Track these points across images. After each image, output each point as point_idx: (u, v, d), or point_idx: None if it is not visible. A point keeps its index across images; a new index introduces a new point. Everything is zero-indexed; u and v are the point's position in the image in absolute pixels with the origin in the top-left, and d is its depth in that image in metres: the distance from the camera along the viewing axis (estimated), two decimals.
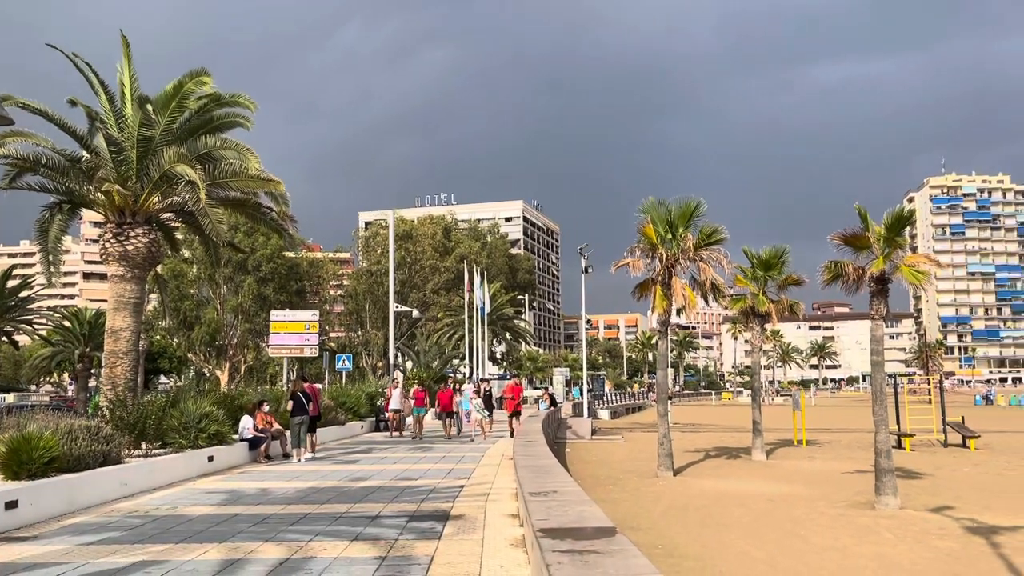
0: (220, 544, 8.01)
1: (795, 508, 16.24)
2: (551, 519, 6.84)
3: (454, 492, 12.64)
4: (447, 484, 13.63)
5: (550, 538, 5.84)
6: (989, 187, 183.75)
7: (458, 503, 11.46)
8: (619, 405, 63.52)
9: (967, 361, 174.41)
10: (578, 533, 6.12)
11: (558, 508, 7.55)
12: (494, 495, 12.26)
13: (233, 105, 18.40)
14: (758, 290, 26.92)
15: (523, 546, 8.00)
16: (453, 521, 9.90)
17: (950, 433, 31.13)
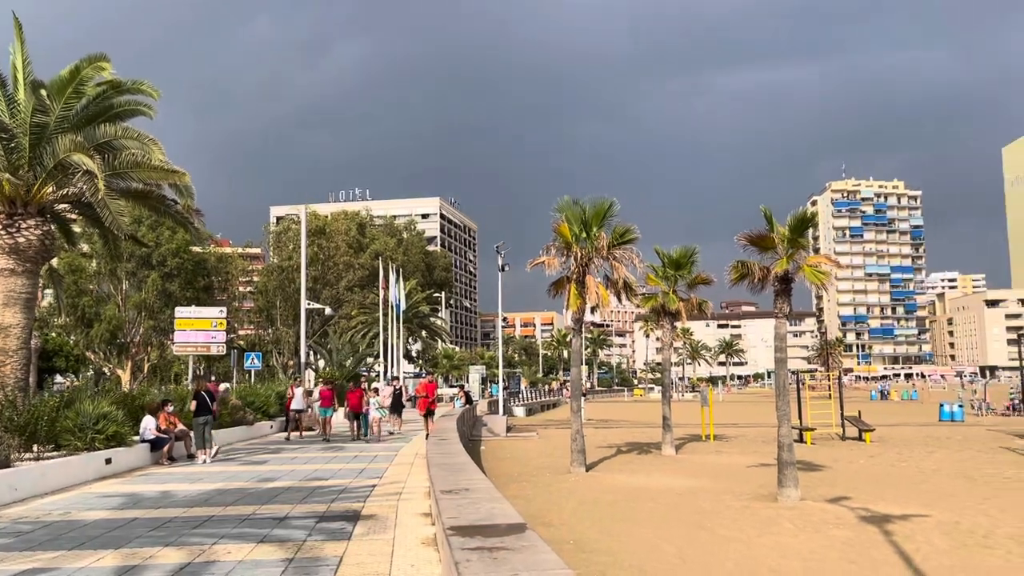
0: (116, 550, 7.67)
1: (703, 501, 16.66)
2: (462, 517, 6.81)
3: (366, 492, 12.46)
4: (359, 484, 13.44)
5: (460, 536, 5.81)
6: (885, 192, 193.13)
7: (369, 503, 11.31)
8: (534, 402, 63.96)
9: (864, 358, 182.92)
10: (488, 530, 6.11)
11: (469, 506, 7.53)
12: (407, 494, 12.15)
13: (135, 92, 17.66)
14: (669, 289, 27.49)
15: (435, 545, 7.95)
16: (364, 521, 9.76)
17: (847, 427, 32.51)
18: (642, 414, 53.56)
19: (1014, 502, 16.13)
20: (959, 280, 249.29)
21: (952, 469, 22.06)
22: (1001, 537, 12.60)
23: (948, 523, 13.82)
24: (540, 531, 13.78)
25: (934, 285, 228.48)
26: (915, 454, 26.21)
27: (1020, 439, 30.05)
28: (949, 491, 17.88)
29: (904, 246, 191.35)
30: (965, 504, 15.96)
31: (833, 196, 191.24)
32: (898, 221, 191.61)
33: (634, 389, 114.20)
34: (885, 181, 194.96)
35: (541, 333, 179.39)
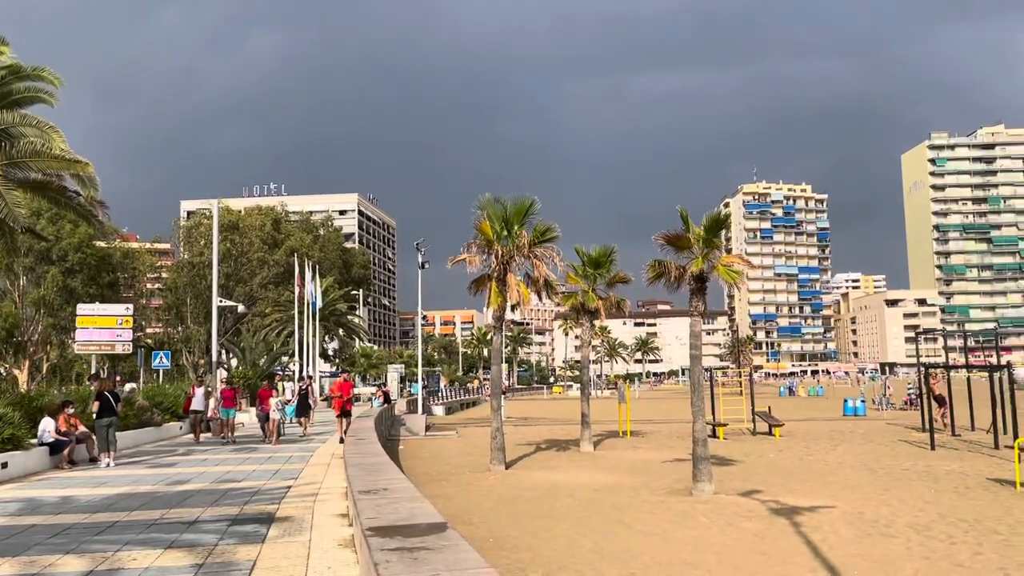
0: (13, 558, 7.25)
1: (620, 496, 16.88)
2: (381, 517, 6.69)
3: (281, 493, 12.17)
4: (273, 485, 13.12)
5: (379, 536, 5.69)
6: (794, 195, 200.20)
7: (284, 504, 11.04)
8: (454, 401, 63.77)
9: (773, 355, 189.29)
10: (408, 530, 6.01)
11: (388, 506, 7.40)
12: (323, 495, 11.91)
13: (35, 79, 16.79)
14: (588, 287, 27.80)
15: (352, 546, 7.80)
16: (279, 523, 9.52)
17: (758, 422, 33.51)
18: (561, 411, 54.01)
19: (912, 492, 16.90)
20: (862, 281, 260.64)
21: (855, 462, 22.98)
22: (901, 526, 13.17)
23: (852, 513, 14.36)
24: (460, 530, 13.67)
25: (839, 285, 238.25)
26: (821, 448, 27.20)
27: (916, 432, 31.55)
28: (853, 483, 18.60)
29: (811, 248, 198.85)
30: (868, 495, 16.64)
31: (745, 198, 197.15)
32: (805, 223, 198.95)
33: (553, 387, 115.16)
34: (794, 185, 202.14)
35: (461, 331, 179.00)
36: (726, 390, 42.28)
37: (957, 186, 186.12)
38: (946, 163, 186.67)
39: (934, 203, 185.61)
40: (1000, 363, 29.96)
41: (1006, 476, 18.52)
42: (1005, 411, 26.42)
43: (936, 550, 11.42)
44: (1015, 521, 13.36)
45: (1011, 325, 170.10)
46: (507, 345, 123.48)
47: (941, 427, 29.99)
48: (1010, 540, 11.94)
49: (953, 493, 16.72)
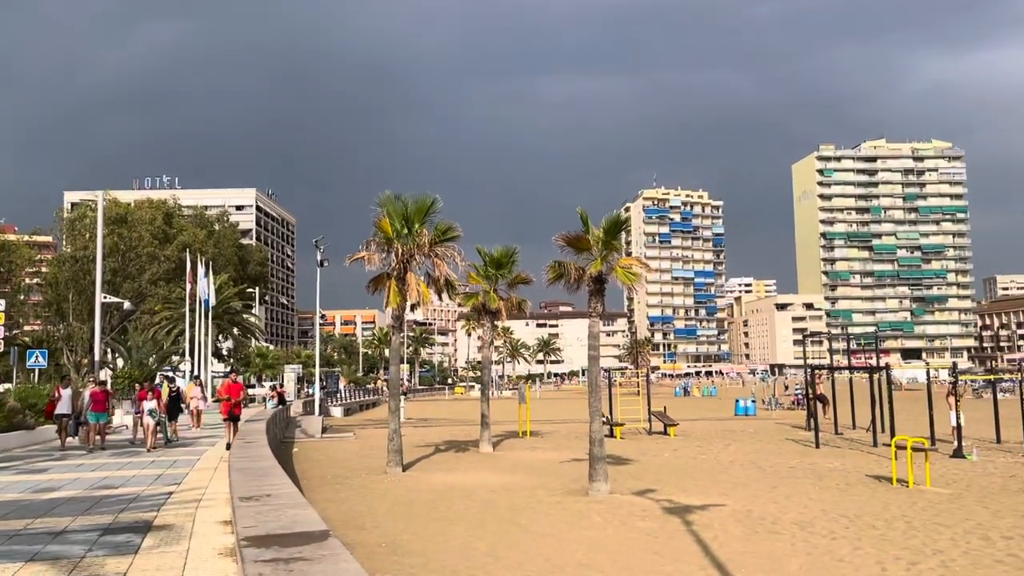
0: None
1: (517, 497, 16.82)
2: (260, 525, 6.34)
3: (161, 500, 11.57)
4: (153, 491, 12.46)
5: (255, 547, 5.36)
6: (692, 201, 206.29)
7: (164, 511, 10.49)
8: (353, 402, 62.70)
9: (670, 356, 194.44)
10: (287, 539, 5.69)
11: (270, 513, 7.05)
12: (207, 501, 11.38)
13: None
14: (490, 288, 27.72)
15: (234, 555, 7.40)
16: (156, 532, 9.00)
17: (654, 422, 34.21)
18: (462, 412, 53.82)
19: (798, 490, 17.50)
20: (754, 285, 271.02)
21: (745, 460, 23.69)
22: (787, 523, 13.57)
23: (742, 511, 14.73)
24: (352, 534, 13.34)
25: (732, 289, 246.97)
26: (714, 447, 27.96)
27: (802, 431, 32.86)
28: (743, 481, 19.13)
29: (707, 252, 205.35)
30: (756, 493, 17.12)
31: (645, 203, 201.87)
32: (702, 229, 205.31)
33: (455, 387, 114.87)
34: (692, 191, 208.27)
35: (362, 331, 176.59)
36: (624, 390, 43.03)
37: (842, 196, 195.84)
38: (833, 174, 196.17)
39: (821, 212, 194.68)
40: (879, 365, 31.52)
41: (884, 473, 19.42)
42: (883, 410, 27.78)
43: (819, 546, 11.79)
44: (891, 516, 13.97)
45: (889, 329, 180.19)
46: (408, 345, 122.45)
47: (824, 419, 31.26)
48: (886, 535, 12.46)
49: (835, 490, 17.39)
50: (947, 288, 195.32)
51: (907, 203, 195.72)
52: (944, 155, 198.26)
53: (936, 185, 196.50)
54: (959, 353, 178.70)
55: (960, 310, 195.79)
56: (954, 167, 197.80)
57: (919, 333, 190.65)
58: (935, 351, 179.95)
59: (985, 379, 53.54)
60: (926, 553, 11.14)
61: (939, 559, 10.78)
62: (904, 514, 14.11)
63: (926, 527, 12.92)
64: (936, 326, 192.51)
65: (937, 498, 15.90)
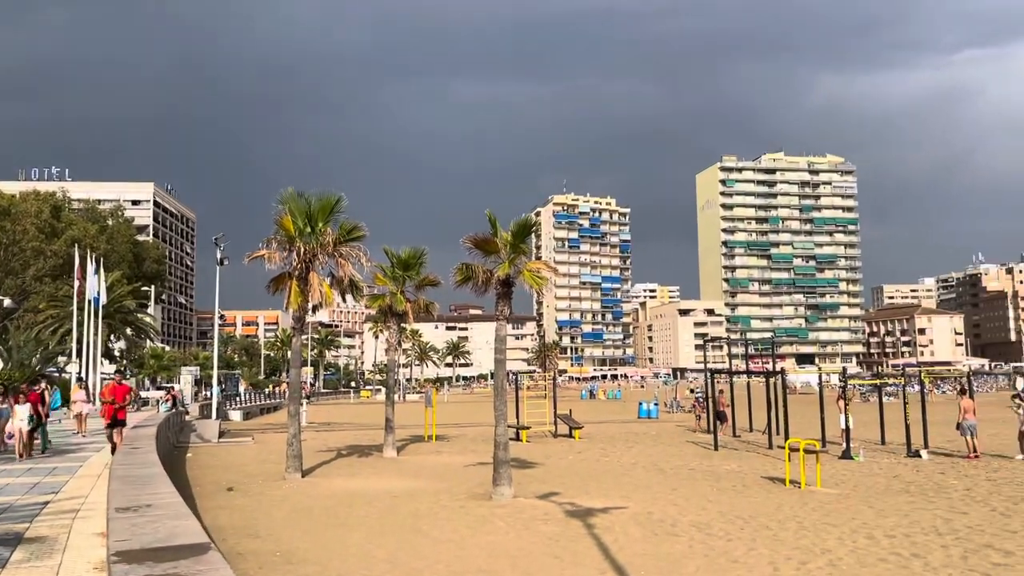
0: None
1: (419, 503, 16.54)
2: (134, 539, 5.91)
3: (34, 510, 10.83)
4: (27, 501, 11.66)
5: (126, 562, 4.97)
6: (600, 208, 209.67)
7: (37, 523, 9.81)
8: (254, 405, 60.90)
9: (577, 360, 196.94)
10: (163, 554, 5.31)
11: (148, 525, 6.60)
12: (86, 511, 10.71)
13: None
14: (397, 289, 27.30)
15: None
16: (27, 545, 8.39)
17: (560, 425, 34.42)
18: (367, 416, 52.99)
19: (696, 491, 17.84)
20: (658, 291, 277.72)
21: (647, 462, 24.05)
22: (686, 525, 13.77)
23: (642, 514, 14.87)
24: (246, 543, 12.80)
25: (638, 295, 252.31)
26: (617, 449, 28.30)
27: (702, 434, 33.67)
28: (644, 483, 19.38)
29: (614, 258, 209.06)
30: (657, 495, 17.36)
31: (555, 208, 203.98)
32: (610, 235, 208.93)
33: (361, 391, 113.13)
34: (600, 198, 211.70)
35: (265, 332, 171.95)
36: (531, 393, 43.20)
37: (743, 206, 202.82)
38: (734, 184, 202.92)
39: (723, 221, 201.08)
40: (775, 370, 32.61)
41: (778, 474, 20.02)
42: (779, 414, 28.72)
43: (715, 547, 11.98)
44: (784, 517, 14.37)
45: (785, 335, 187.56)
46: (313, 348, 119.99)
47: (722, 432, 32.10)
48: (779, 535, 12.78)
49: (732, 491, 17.80)
50: (839, 296, 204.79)
51: (803, 214, 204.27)
52: (837, 169, 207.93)
53: (830, 198, 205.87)
54: (849, 358, 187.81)
55: (850, 317, 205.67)
56: (846, 181, 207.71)
57: (813, 339, 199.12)
58: (827, 356, 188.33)
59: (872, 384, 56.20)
60: (815, 552, 11.47)
61: (827, 558, 11.10)
62: (796, 515, 14.53)
63: (816, 527, 13.32)
64: (828, 332, 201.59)
65: (827, 498, 16.46)
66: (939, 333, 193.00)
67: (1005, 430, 31.01)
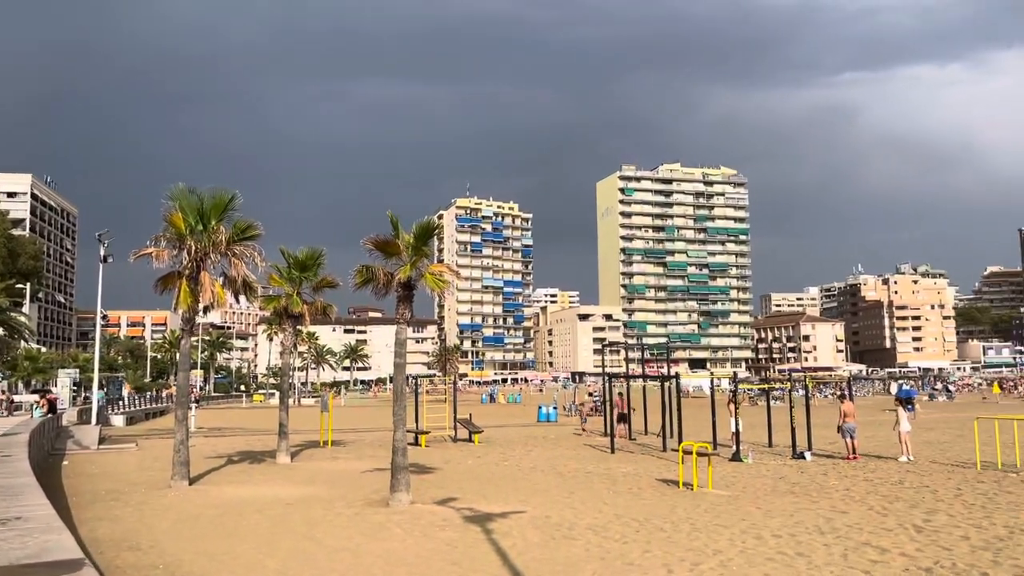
0: None
1: (313, 510, 16.11)
2: (1, 555, 5.46)
3: None
4: None
5: None
6: (503, 212, 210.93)
7: None
8: (138, 410, 58.25)
9: (478, 364, 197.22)
10: (32, 571, 4.92)
11: (16, 539, 6.12)
12: None
13: None
14: (293, 291, 26.62)
15: None
16: None
17: (459, 429, 34.30)
18: (260, 421, 51.50)
19: (593, 494, 18.04)
20: (559, 296, 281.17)
21: (546, 466, 24.20)
22: (583, 528, 13.89)
23: (540, 517, 14.91)
24: (125, 556, 12.12)
25: (539, 299, 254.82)
26: (516, 453, 28.39)
27: (599, 437, 34.18)
28: (543, 487, 19.48)
29: (516, 263, 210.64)
30: (555, 498, 17.46)
31: (458, 212, 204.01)
32: (512, 240, 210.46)
33: (254, 395, 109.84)
34: (503, 202, 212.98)
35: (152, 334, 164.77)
36: (431, 398, 42.88)
37: (641, 214, 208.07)
38: (633, 193, 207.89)
39: (622, 228, 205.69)
40: (670, 374, 33.46)
41: (672, 476, 20.48)
42: (673, 417, 29.46)
43: (611, 550, 12.12)
44: (677, 519, 14.68)
45: (679, 340, 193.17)
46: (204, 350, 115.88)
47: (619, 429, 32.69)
48: (672, 536, 13.04)
49: (628, 494, 18.09)
50: (730, 304, 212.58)
51: (697, 224, 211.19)
52: (730, 181, 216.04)
53: (723, 208, 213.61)
54: (739, 363, 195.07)
55: (740, 324, 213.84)
56: (738, 192, 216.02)
57: (705, 344, 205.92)
58: (718, 361, 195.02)
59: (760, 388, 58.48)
60: (707, 553, 11.74)
61: (719, 559, 11.39)
62: (689, 516, 14.88)
63: (708, 528, 13.66)
64: (720, 338, 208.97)
65: (718, 500, 16.93)
66: (822, 340, 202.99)
67: (881, 432, 32.79)
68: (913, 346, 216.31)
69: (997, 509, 15.00)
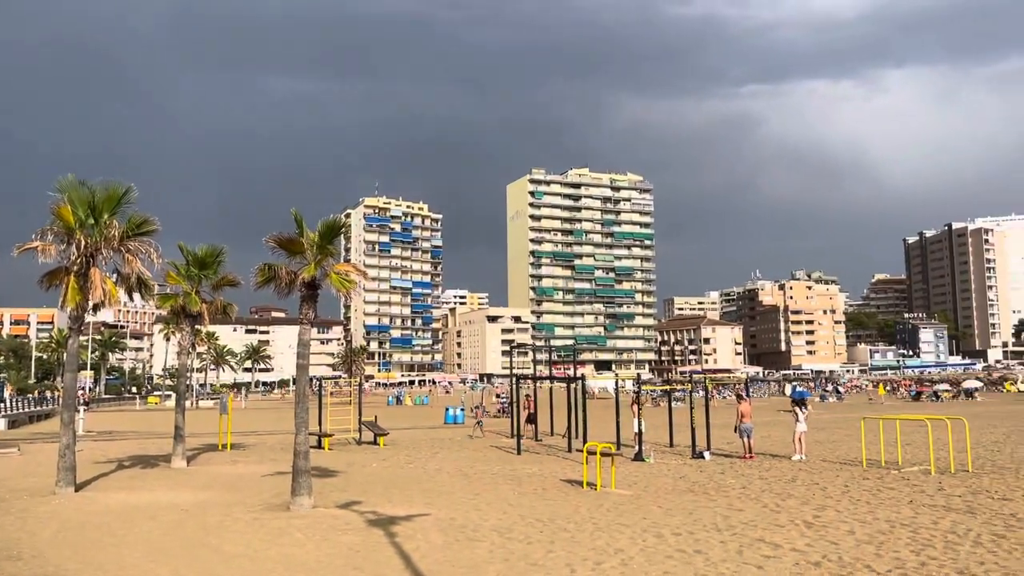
0: None
1: (210, 516, 15.57)
2: None
3: None
4: None
5: None
6: (412, 212, 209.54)
7: None
8: (21, 412, 55.14)
9: (385, 365, 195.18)
10: None
11: None
12: None
13: None
14: (191, 289, 25.71)
15: None
16: None
17: (364, 432, 33.81)
18: (155, 424, 49.54)
19: (499, 496, 18.07)
20: (468, 297, 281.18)
21: (452, 468, 24.11)
22: (487, 530, 13.88)
23: (445, 520, 14.83)
24: (5, 567, 11.44)
25: (448, 301, 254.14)
26: (422, 455, 28.18)
27: (506, 438, 34.30)
28: (448, 489, 19.39)
29: (425, 263, 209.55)
30: (460, 500, 17.40)
31: (366, 211, 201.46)
32: (421, 240, 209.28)
33: (148, 397, 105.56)
34: (413, 202, 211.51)
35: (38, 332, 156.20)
36: (336, 400, 42.12)
37: (550, 218, 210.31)
38: (543, 196, 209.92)
39: (531, 231, 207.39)
40: (576, 375, 33.87)
41: (576, 477, 20.72)
42: (578, 417, 29.82)
43: (515, 551, 12.15)
44: (581, 518, 14.85)
45: (585, 342, 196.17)
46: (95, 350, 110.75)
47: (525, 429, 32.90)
48: (576, 536, 13.17)
49: (533, 495, 18.20)
50: (635, 307, 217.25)
51: (605, 228, 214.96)
52: (637, 187, 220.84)
53: (629, 214, 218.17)
54: (642, 365, 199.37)
55: (644, 327, 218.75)
56: (644, 198, 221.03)
57: (611, 347, 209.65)
58: (623, 363, 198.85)
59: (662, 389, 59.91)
60: (609, 552, 11.91)
61: (620, 558, 11.56)
62: (592, 516, 15.07)
63: (610, 527, 13.87)
64: (625, 340, 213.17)
65: (620, 499, 17.21)
66: (722, 343, 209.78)
67: (776, 432, 34.09)
68: (807, 349, 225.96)
69: (880, 505, 15.78)
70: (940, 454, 23.00)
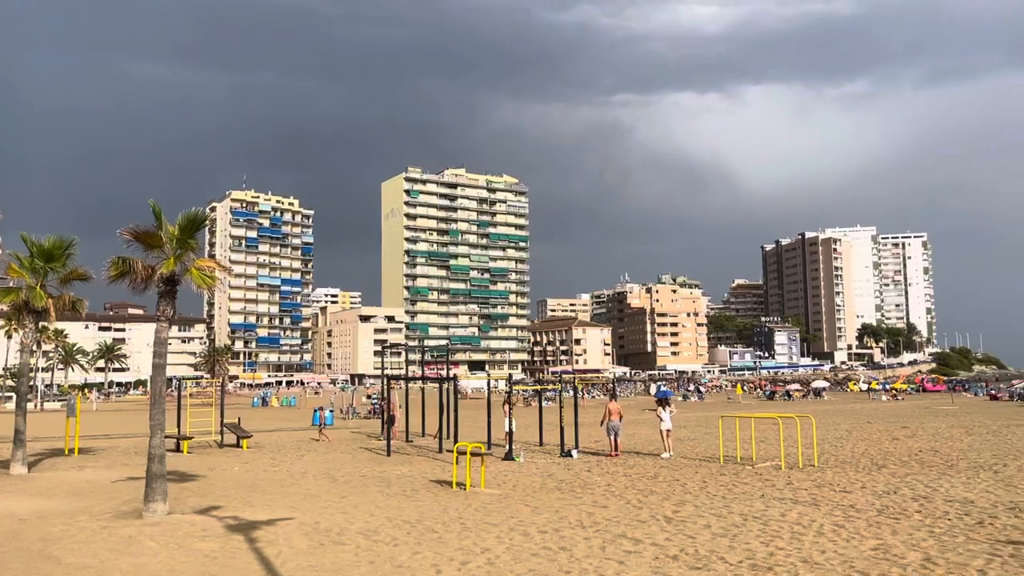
0: None
1: (52, 525, 14.54)
2: None
3: None
4: None
5: None
6: (282, 208, 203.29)
7: None
8: None
9: (251, 365, 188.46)
10: None
11: None
12: None
13: None
14: (36, 283, 23.97)
15: None
16: None
17: (227, 434, 32.54)
18: None
19: (366, 498, 17.79)
20: (340, 296, 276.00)
21: (318, 470, 23.55)
22: (353, 533, 13.62)
23: (310, 524, 14.45)
24: None
25: (319, 299, 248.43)
26: (288, 458, 27.39)
27: (376, 440, 33.87)
28: (314, 492, 18.92)
29: (295, 261, 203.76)
30: (326, 503, 17.01)
31: (233, 205, 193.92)
32: (291, 237, 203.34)
33: None
34: (283, 197, 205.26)
35: None
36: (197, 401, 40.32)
37: (426, 217, 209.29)
38: (419, 195, 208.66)
39: (407, 230, 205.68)
40: (448, 375, 33.83)
41: (446, 477, 20.68)
42: (450, 418, 29.80)
43: (381, 553, 11.98)
44: (449, 519, 14.82)
45: (459, 342, 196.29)
46: None
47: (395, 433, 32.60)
48: (443, 537, 13.13)
49: (401, 496, 18.02)
50: (509, 308, 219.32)
51: (480, 229, 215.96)
52: (512, 189, 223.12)
53: (504, 216, 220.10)
54: (516, 365, 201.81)
55: (518, 327, 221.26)
56: (520, 201, 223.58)
57: (485, 347, 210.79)
58: (497, 363, 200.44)
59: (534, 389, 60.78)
60: (476, 552, 11.94)
61: (486, 557, 11.61)
62: (460, 516, 15.07)
63: (478, 527, 13.91)
64: (499, 341, 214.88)
65: (489, 499, 17.30)
66: (592, 344, 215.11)
67: (642, 430, 35.24)
68: (671, 350, 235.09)
69: (735, 499, 16.57)
70: (790, 450, 24.43)
